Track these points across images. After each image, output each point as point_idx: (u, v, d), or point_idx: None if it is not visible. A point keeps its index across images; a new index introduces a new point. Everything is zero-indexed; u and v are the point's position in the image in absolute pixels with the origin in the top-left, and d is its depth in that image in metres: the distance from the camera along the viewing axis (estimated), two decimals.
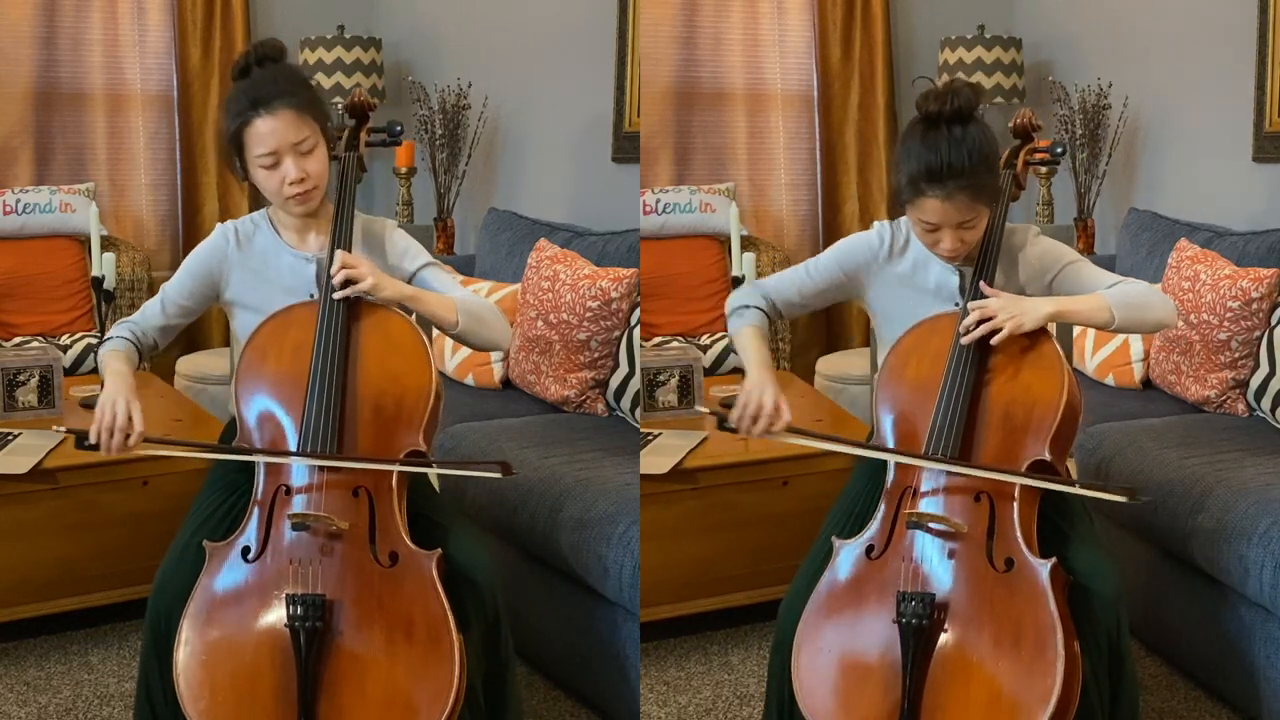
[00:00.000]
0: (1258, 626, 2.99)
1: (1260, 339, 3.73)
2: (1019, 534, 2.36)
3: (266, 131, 2.55)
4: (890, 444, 2.52)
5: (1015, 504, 2.38)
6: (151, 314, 2.70)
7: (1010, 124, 2.77)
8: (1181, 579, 3.27)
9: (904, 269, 2.64)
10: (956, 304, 2.58)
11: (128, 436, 2.44)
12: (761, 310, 2.69)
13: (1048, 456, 2.42)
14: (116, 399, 2.45)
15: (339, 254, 2.55)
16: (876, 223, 2.72)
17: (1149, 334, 2.67)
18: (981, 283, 2.53)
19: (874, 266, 2.66)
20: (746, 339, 2.64)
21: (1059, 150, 2.79)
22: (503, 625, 2.58)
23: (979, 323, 2.46)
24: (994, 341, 2.46)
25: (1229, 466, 3.26)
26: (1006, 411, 2.45)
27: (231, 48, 5.31)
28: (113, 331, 2.68)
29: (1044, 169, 5.19)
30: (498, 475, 2.47)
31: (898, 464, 2.50)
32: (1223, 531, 3.02)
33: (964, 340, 2.47)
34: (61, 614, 3.55)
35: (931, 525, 2.40)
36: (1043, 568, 2.32)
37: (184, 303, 2.70)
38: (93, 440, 2.45)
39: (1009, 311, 2.46)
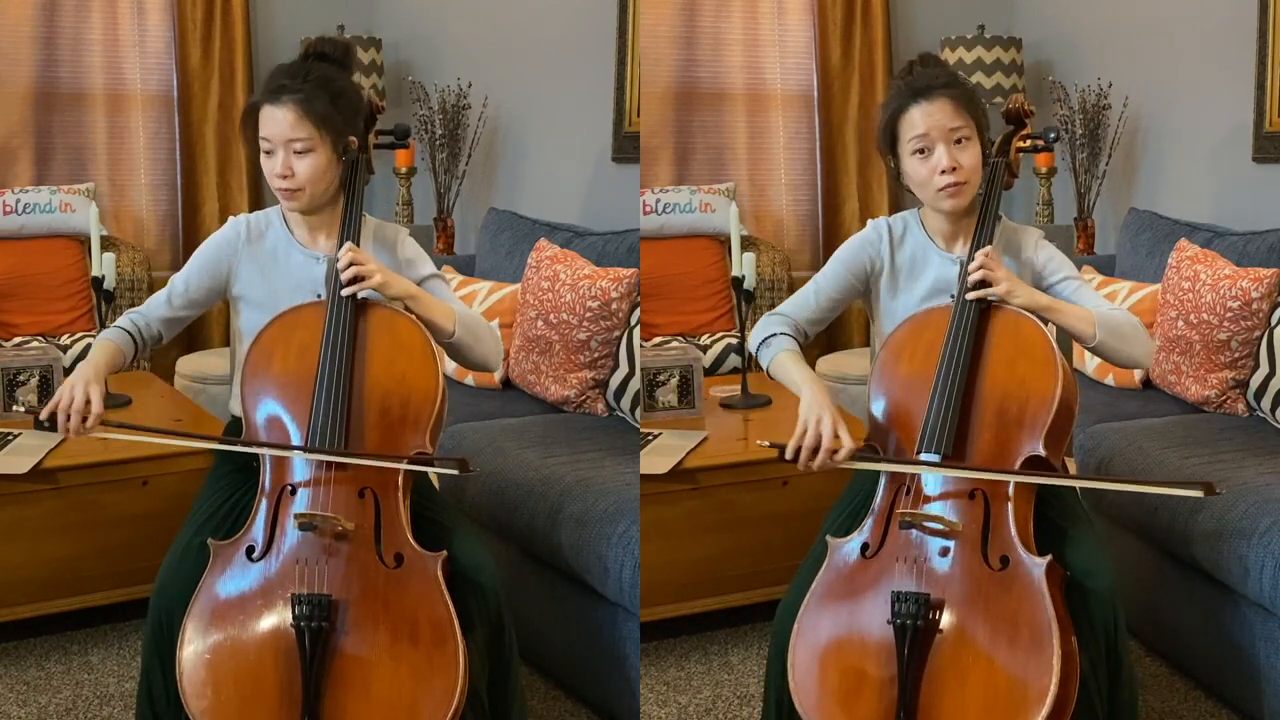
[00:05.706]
0: (1258, 626, 2.99)
1: (1260, 339, 3.73)
2: (1014, 531, 2.35)
3: (269, 120, 2.57)
4: (885, 439, 2.51)
5: (1010, 501, 2.38)
6: (157, 305, 2.70)
7: (1002, 110, 2.75)
8: (1181, 579, 3.27)
9: (903, 261, 2.66)
10: (951, 296, 2.57)
11: (84, 419, 2.45)
12: (789, 335, 2.66)
13: (1043, 452, 2.41)
14: (76, 383, 2.46)
15: (347, 247, 2.55)
16: (871, 220, 2.73)
17: (1120, 366, 2.64)
18: (986, 248, 2.52)
19: (877, 262, 2.67)
20: (785, 364, 2.60)
21: (1051, 136, 2.77)
22: (507, 628, 2.58)
23: (979, 270, 2.47)
24: (983, 295, 2.47)
25: (1229, 466, 3.27)
26: (1001, 406, 2.44)
27: (231, 47, 5.31)
28: (114, 322, 2.68)
29: (1044, 171, 5.20)
30: (455, 473, 2.46)
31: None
32: (1223, 531, 3.02)
33: (969, 296, 2.48)
34: (61, 614, 3.54)
35: (926, 524, 2.39)
36: (1038, 565, 2.31)
37: (192, 294, 2.70)
38: (45, 418, 2.45)
39: (1009, 280, 2.49)
